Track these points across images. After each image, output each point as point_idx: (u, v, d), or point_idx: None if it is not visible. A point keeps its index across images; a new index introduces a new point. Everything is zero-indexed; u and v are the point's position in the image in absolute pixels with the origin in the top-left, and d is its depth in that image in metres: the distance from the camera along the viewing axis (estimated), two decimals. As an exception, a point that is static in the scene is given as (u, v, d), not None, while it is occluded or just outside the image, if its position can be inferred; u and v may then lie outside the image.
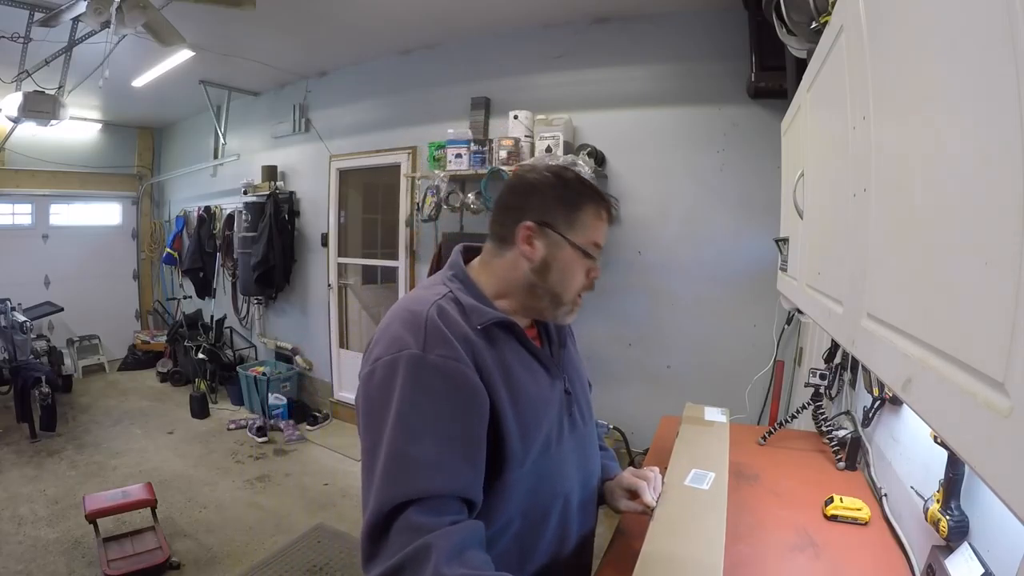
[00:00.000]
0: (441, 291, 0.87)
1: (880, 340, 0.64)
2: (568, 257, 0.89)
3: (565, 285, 0.90)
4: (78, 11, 2.39)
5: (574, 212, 0.89)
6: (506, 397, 0.82)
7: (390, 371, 0.77)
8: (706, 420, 1.50)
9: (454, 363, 0.78)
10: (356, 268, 4.55)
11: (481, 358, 0.81)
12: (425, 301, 0.84)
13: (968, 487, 0.94)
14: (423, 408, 0.76)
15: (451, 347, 0.78)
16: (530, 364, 0.90)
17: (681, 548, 0.90)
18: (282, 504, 3.14)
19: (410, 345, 0.78)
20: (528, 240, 0.88)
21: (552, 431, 0.90)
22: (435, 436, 0.75)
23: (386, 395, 0.76)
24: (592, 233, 0.91)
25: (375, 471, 0.74)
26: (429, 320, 0.80)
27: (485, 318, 0.84)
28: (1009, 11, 0.36)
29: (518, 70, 3.35)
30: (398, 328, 0.81)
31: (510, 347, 0.87)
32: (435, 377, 0.77)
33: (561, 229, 0.89)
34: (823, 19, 1.10)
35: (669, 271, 2.99)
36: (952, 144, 0.48)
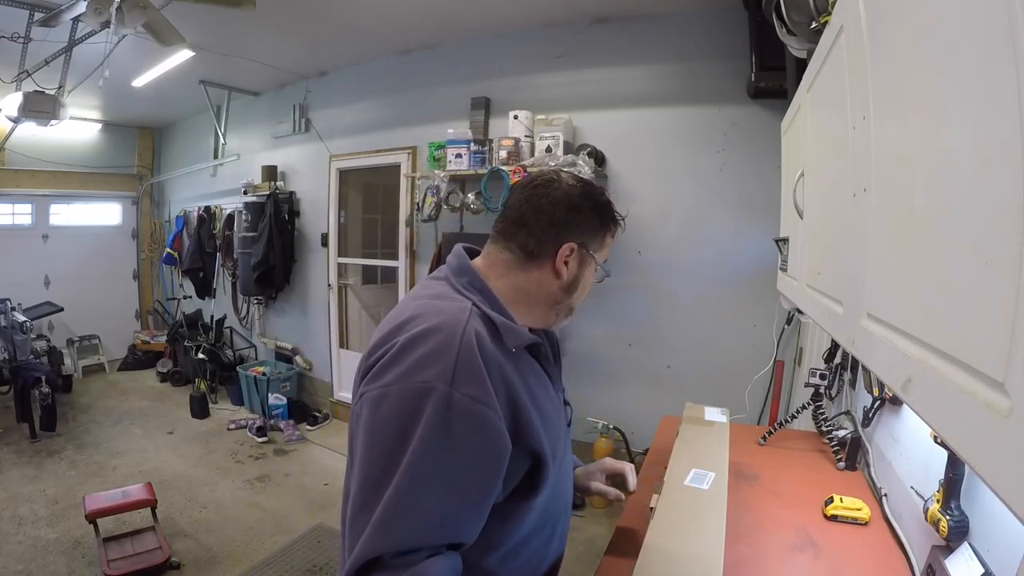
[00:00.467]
0: (465, 304, 0.79)
1: (880, 340, 0.64)
2: (590, 275, 0.90)
3: (580, 299, 0.91)
4: (78, 11, 2.39)
5: (605, 235, 0.90)
6: (539, 424, 0.78)
7: (411, 405, 0.69)
8: (706, 420, 1.51)
9: (483, 408, 0.70)
10: (356, 268, 4.55)
11: (513, 388, 0.76)
12: (456, 320, 0.75)
13: (968, 487, 0.94)
14: (443, 459, 0.69)
15: (483, 387, 0.71)
16: (545, 382, 0.88)
17: (681, 547, 0.90)
18: (282, 504, 3.14)
19: (437, 378, 0.69)
20: (566, 260, 0.85)
21: (558, 444, 0.88)
22: (450, 490, 0.69)
23: (403, 432, 0.69)
24: (607, 252, 0.92)
25: (374, 509, 0.68)
26: (463, 348, 0.71)
27: (520, 341, 0.80)
28: (1009, 11, 0.36)
29: (518, 70, 3.35)
30: (423, 351, 0.71)
31: (532, 368, 0.84)
32: (462, 425, 0.69)
33: (593, 250, 0.88)
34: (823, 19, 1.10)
35: (669, 271, 2.99)
36: (952, 144, 0.48)
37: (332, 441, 4.05)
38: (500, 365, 0.75)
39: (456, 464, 0.70)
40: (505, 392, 0.74)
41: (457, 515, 0.70)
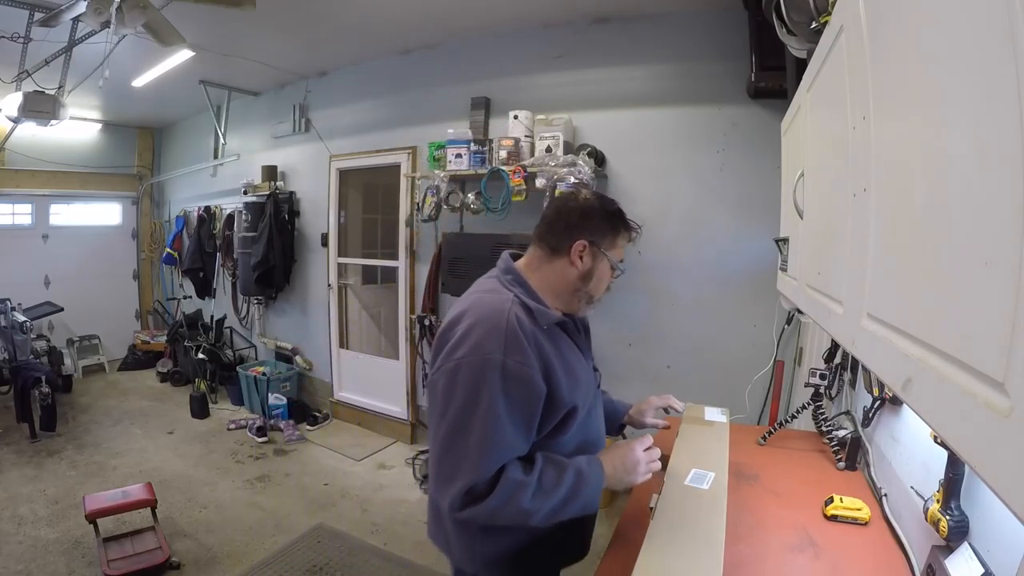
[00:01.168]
0: (508, 296, 1.08)
1: (880, 340, 0.64)
2: (604, 269, 1.15)
3: (598, 289, 1.16)
4: (78, 11, 2.39)
5: (615, 236, 1.15)
6: (565, 378, 1.06)
7: (479, 372, 0.99)
8: (706, 420, 1.50)
9: (527, 369, 1.00)
10: (356, 268, 4.55)
11: (545, 353, 1.04)
12: (502, 308, 1.04)
13: (968, 487, 0.94)
14: (504, 405, 0.99)
15: (525, 353, 1.00)
16: (575, 351, 1.15)
17: (681, 547, 0.90)
18: (282, 504, 3.14)
19: (495, 351, 0.99)
20: (580, 255, 1.12)
21: (591, 401, 1.18)
22: (514, 427, 1.00)
23: (475, 391, 0.98)
24: (620, 252, 1.17)
25: (467, 446, 0.98)
26: (509, 329, 1.01)
27: (549, 319, 1.07)
28: (1009, 11, 0.36)
29: (518, 70, 3.35)
30: (481, 331, 1.01)
31: (563, 339, 1.12)
32: (513, 382, 0.99)
33: (604, 248, 1.13)
34: (823, 19, 1.10)
35: (669, 271, 2.99)
36: (952, 144, 0.48)
37: (332, 441, 4.05)
38: (536, 338, 1.04)
39: (514, 408, 1.00)
40: (540, 357, 1.03)
41: (516, 443, 1.02)
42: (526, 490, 0.99)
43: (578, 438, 1.14)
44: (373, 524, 2.96)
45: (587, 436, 1.17)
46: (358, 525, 2.94)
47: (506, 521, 1.02)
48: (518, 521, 1.02)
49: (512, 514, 1.00)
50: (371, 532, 2.88)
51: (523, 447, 1.04)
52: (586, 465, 1.07)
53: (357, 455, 3.81)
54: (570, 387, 1.07)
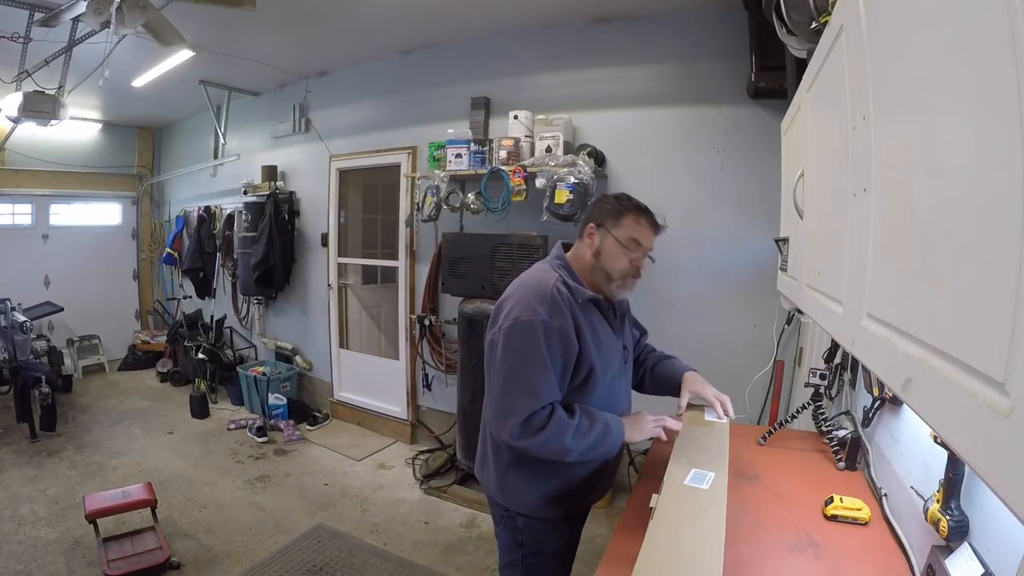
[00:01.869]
0: (554, 276, 1.34)
1: (880, 340, 0.64)
2: (611, 245, 1.36)
3: (612, 265, 1.36)
4: (78, 11, 2.39)
5: (619, 217, 1.37)
6: (592, 344, 1.32)
7: (530, 328, 1.25)
8: (706, 420, 1.50)
9: (566, 328, 1.27)
10: (356, 268, 4.55)
11: (579, 319, 1.30)
12: (547, 282, 1.31)
13: (968, 487, 0.93)
14: (548, 355, 1.25)
15: (564, 316, 1.27)
16: (604, 326, 1.39)
17: (681, 547, 0.90)
18: (282, 504, 3.14)
19: (542, 313, 1.25)
20: (590, 235, 1.38)
21: (617, 370, 1.42)
22: (554, 371, 1.27)
23: (528, 343, 1.25)
24: (630, 232, 1.36)
25: (522, 382, 1.26)
26: (552, 296, 1.28)
27: (583, 296, 1.33)
28: (1009, 11, 0.36)
29: (518, 70, 3.35)
30: (532, 298, 1.28)
31: (594, 314, 1.36)
32: (556, 337, 1.26)
33: (608, 227, 1.36)
34: (823, 19, 1.10)
35: (669, 271, 2.99)
36: (952, 144, 0.48)
37: (332, 441, 4.05)
38: (572, 308, 1.30)
39: (555, 358, 1.27)
40: (573, 324, 1.29)
41: (556, 381, 1.28)
42: (568, 429, 1.25)
43: (602, 400, 1.36)
44: (373, 524, 2.96)
45: (610, 401, 1.39)
46: (358, 525, 2.94)
47: (549, 453, 1.27)
48: (558, 455, 1.27)
49: (556, 449, 1.26)
50: (371, 532, 2.88)
51: (559, 392, 1.29)
52: (612, 420, 1.33)
53: (357, 455, 3.81)
54: (595, 351, 1.32)
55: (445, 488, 3.27)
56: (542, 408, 1.25)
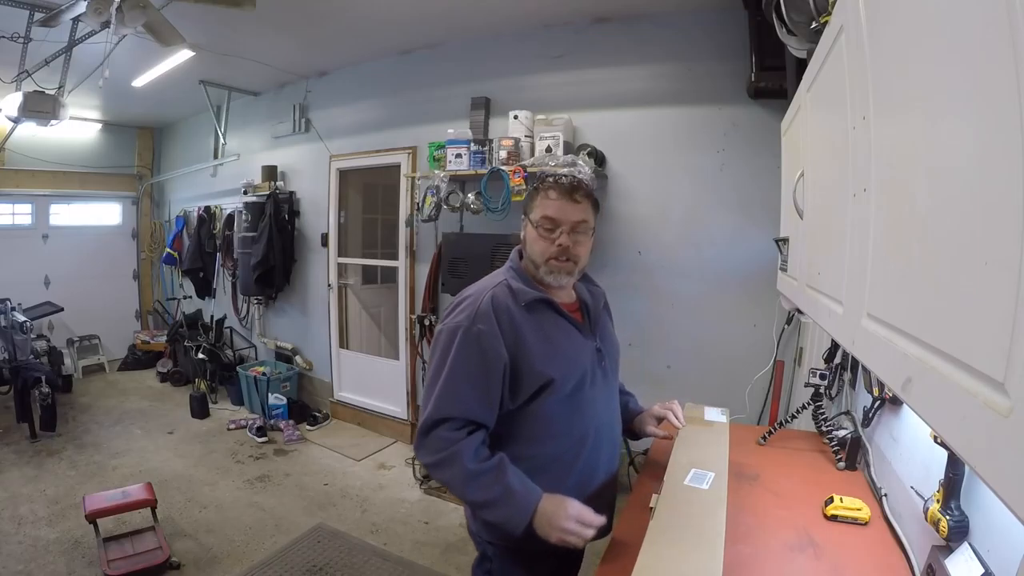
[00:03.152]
0: (499, 279, 1.25)
1: (880, 340, 0.64)
2: (530, 232, 1.26)
3: (533, 251, 1.25)
4: (78, 11, 2.39)
5: (531, 200, 1.27)
6: (539, 347, 1.18)
7: (451, 334, 1.18)
8: (706, 420, 1.50)
9: (486, 335, 1.16)
10: (356, 268, 4.55)
11: (518, 326, 1.18)
12: (486, 288, 1.23)
13: (968, 487, 0.93)
14: (463, 363, 1.16)
15: (489, 323, 1.16)
16: (564, 327, 1.25)
17: (681, 548, 0.90)
18: (282, 504, 3.14)
19: (462, 319, 1.18)
20: (524, 227, 1.29)
21: (586, 376, 1.24)
22: (469, 379, 1.16)
23: (447, 348, 1.18)
24: (541, 210, 1.23)
25: (435, 390, 1.18)
26: (482, 304, 1.19)
27: (527, 297, 1.21)
28: (1009, 11, 0.36)
29: (518, 70, 3.35)
30: (462, 304, 1.22)
31: (547, 315, 1.23)
32: (473, 344, 1.16)
33: (527, 214, 1.27)
34: (823, 19, 1.10)
35: (669, 271, 2.99)
36: (952, 144, 0.48)
37: (332, 441, 4.05)
38: (510, 314, 1.18)
39: (472, 364, 1.16)
40: (512, 330, 1.17)
41: (471, 396, 1.17)
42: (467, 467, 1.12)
43: (566, 414, 1.22)
44: (373, 524, 2.96)
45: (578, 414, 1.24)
46: (358, 525, 2.94)
47: (447, 485, 1.22)
48: (456, 493, 1.19)
49: (451, 482, 1.18)
50: (371, 532, 2.88)
51: (481, 407, 1.17)
52: (522, 492, 1.12)
53: (357, 455, 3.81)
54: (546, 359, 1.18)
55: (445, 488, 3.27)
56: (447, 421, 1.15)
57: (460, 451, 1.13)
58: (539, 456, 1.21)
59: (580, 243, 1.22)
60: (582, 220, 1.22)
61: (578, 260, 1.23)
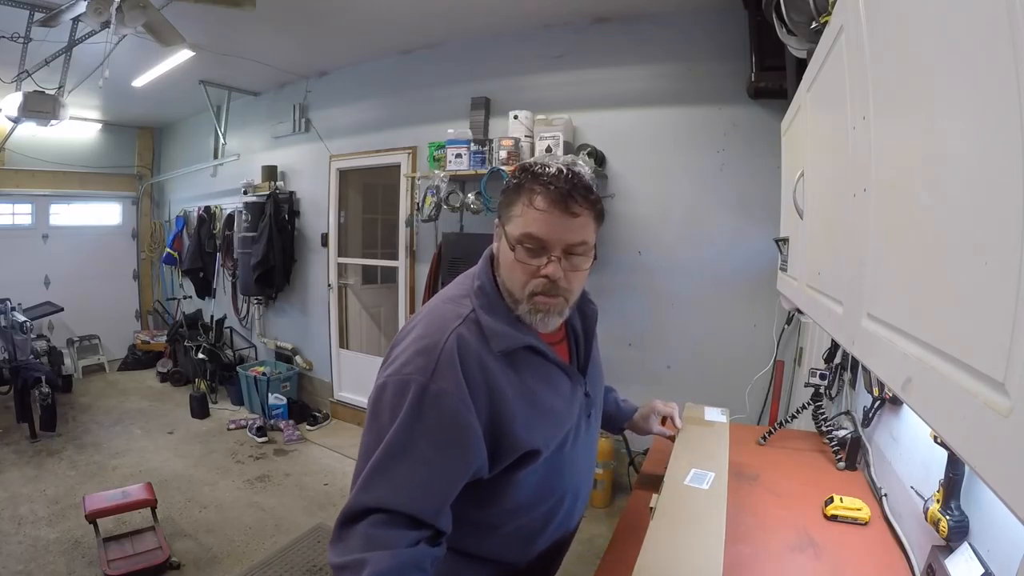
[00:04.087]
0: (464, 311, 0.88)
1: (880, 340, 0.64)
2: (505, 251, 0.88)
3: (511, 281, 0.88)
4: (78, 11, 2.39)
5: (509, 203, 0.88)
6: (522, 413, 0.86)
7: (399, 391, 0.82)
8: (706, 420, 1.50)
9: (451, 399, 0.81)
10: (356, 268, 4.55)
11: (496, 384, 0.84)
12: (446, 327, 0.85)
13: (968, 487, 0.93)
14: (414, 436, 0.81)
15: (456, 383, 0.81)
16: (552, 378, 0.93)
17: (681, 547, 0.90)
18: (282, 504, 3.14)
19: (419, 371, 0.82)
20: (496, 238, 0.92)
21: (570, 433, 0.96)
22: (415, 461, 0.81)
23: (392, 410, 0.82)
24: (522, 223, 0.85)
25: (369, 466, 0.81)
26: (444, 350, 0.82)
27: (504, 345, 0.86)
28: (1009, 11, 0.36)
29: (518, 70, 3.35)
30: (415, 349, 0.84)
31: (532, 366, 0.90)
32: (432, 410, 0.80)
33: (503, 221, 0.89)
34: (823, 19, 1.10)
35: (669, 271, 2.99)
36: (952, 144, 0.48)
37: (332, 441, 4.05)
38: (483, 366, 0.84)
39: (424, 441, 0.81)
40: (486, 391, 0.83)
41: (418, 485, 0.80)
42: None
43: (541, 478, 0.93)
44: (373, 524, 2.96)
45: (558, 479, 0.96)
46: (358, 525, 2.94)
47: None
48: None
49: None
50: (371, 532, 2.88)
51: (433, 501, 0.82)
52: None
53: (357, 455, 3.81)
54: (531, 425, 0.87)
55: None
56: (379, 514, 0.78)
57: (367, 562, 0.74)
58: (503, 529, 0.95)
59: (575, 273, 0.87)
60: (580, 242, 0.85)
61: (571, 295, 0.89)
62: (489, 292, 0.90)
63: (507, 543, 0.96)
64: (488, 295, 0.90)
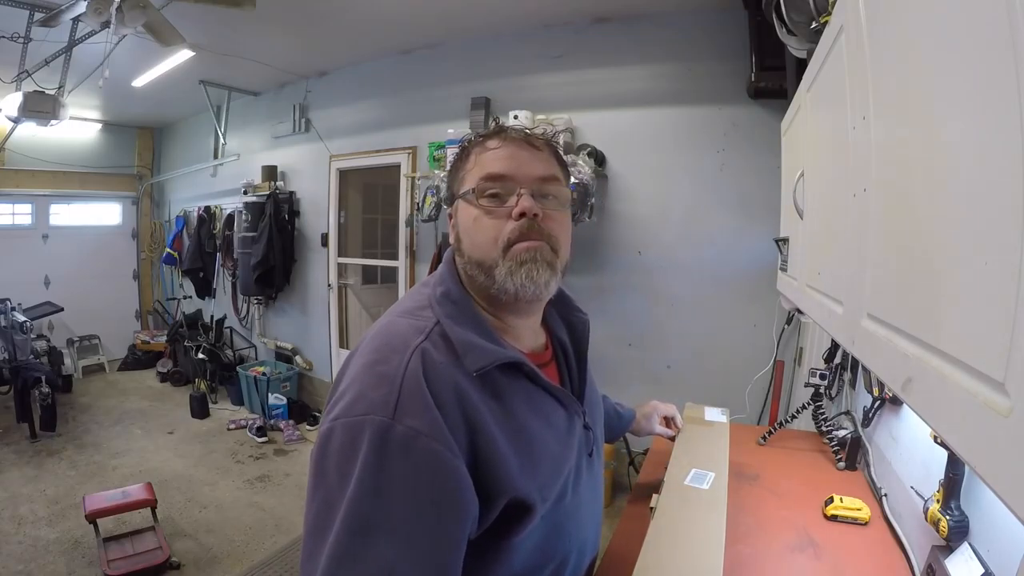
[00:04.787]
0: (426, 324, 0.70)
1: (880, 340, 0.64)
2: (465, 212, 0.75)
3: (478, 243, 0.72)
4: (78, 11, 2.39)
5: (457, 169, 0.77)
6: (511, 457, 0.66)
7: (350, 439, 0.61)
8: (706, 420, 1.50)
9: (427, 441, 0.60)
10: (356, 268, 4.55)
11: (476, 416, 0.65)
12: (406, 345, 0.66)
13: (968, 487, 0.93)
14: (382, 500, 0.59)
15: (429, 417, 0.61)
16: (544, 405, 0.75)
17: (681, 548, 0.90)
18: (282, 504, 3.14)
19: (378, 408, 0.61)
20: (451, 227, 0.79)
21: (570, 478, 0.76)
22: (392, 537, 0.58)
23: (343, 469, 0.60)
24: (477, 171, 0.74)
25: (318, 560, 0.58)
26: (407, 376, 0.63)
27: (483, 362, 0.67)
28: (1009, 11, 0.36)
29: (518, 70, 3.35)
30: (367, 381, 0.64)
31: (518, 390, 0.72)
32: (403, 461, 0.59)
33: (455, 191, 0.77)
34: (823, 19, 1.10)
35: (669, 271, 2.99)
36: (952, 144, 0.48)
37: (332, 441, 4.05)
38: (459, 392, 0.65)
39: (398, 506, 0.59)
40: (464, 426, 0.64)
41: (405, 570, 0.58)
42: None
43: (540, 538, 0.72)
44: (373, 524, 2.96)
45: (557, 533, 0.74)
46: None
47: None
48: None
49: None
50: (371, 532, 2.88)
51: None
52: None
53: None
54: (524, 471, 0.67)
55: None
56: None
57: None
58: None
59: (553, 215, 0.73)
60: (549, 175, 0.74)
61: (557, 243, 0.73)
62: (457, 298, 0.73)
63: None
64: (456, 302, 0.73)
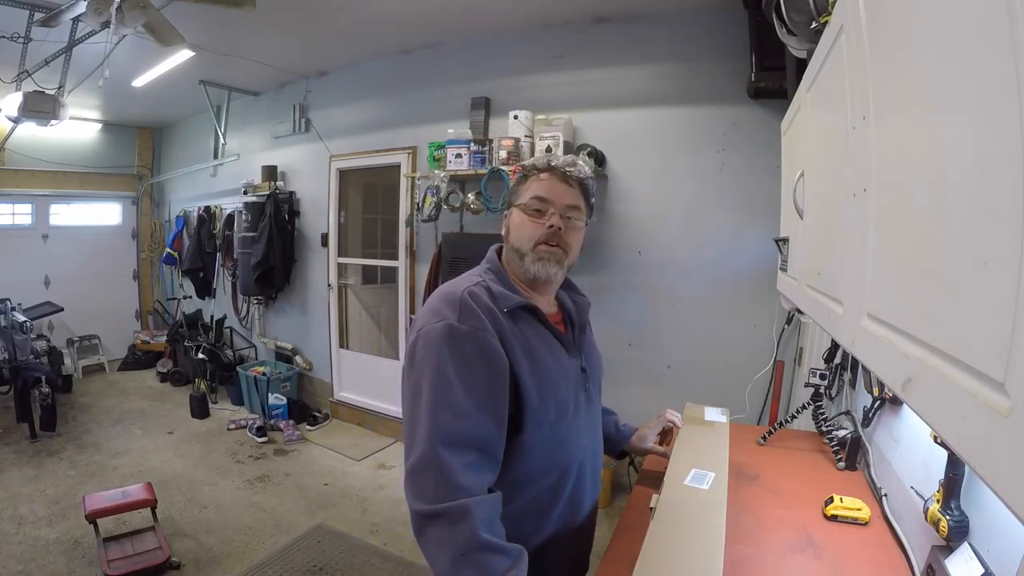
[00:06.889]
0: (475, 280, 1.06)
1: (880, 340, 0.64)
2: (516, 217, 1.11)
3: (520, 237, 1.08)
4: (78, 11, 2.39)
5: (521, 186, 1.13)
6: (525, 364, 0.99)
7: (432, 338, 0.95)
8: (706, 420, 1.50)
9: (481, 332, 0.95)
10: (356, 268, 4.55)
11: (504, 331, 0.98)
12: (460, 286, 1.02)
13: (968, 487, 0.94)
14: (456, 367, 0.92)
15: (479, 319, 0.96)
16: (549, 341, 1.08)
17: (681, 547, 0.90)
18: (282, 504, 3.14)
19: (447, 317, 0.96)
20: (504, 223, 1.14)
21: (569, 401, 1.08)
22: (466, 389, 0.92)
23: (429, 356, 0.94)
24: (531, 191, 1.09)
25: (418, 416, 0.92)
26: (463, 299, 0.98)
27: (509, 303, 1.02)
28: (1009, 11, 0.36)
29: (518, 70, 3.35)
30: (438, 304, 1.00)
31: (532, 326, 1.05)
32: (466, 343, 0.94)
33: (514, 202, 1.13)
34: (823, 19, 1.10)
35: (669, 271, 2.99)
36: (952, 144, 0.48)
37: (332, 441, 4.05)
38: (494, 317, 0.99)
39: (467, 371, 0.93)
40: (498, 335, 0.97)
41: (474, 412, 0.91)
42: (471, 536, 0.82)
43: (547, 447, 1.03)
44: (373, 524, 2.96)
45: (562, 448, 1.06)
46: (358, 525, 2.94)
47: (437, 532, 0.85)
48: (438, 544, 0.85)
49: (441, 535, 0.84)
50: (371, 532, 2.88)
51: (493, 429, 0.93)
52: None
53: (357, 455, 3.81)
54: (535, 377, 1.00)
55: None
56: (454, 449, 0.88)
57: (472, 509, 0.84)
58: (513, 505, 0.99)
59: (572, 230, 1.09)
60: (574, 205, 1.09)
61: (568, 249, 1.09)
62: (497, 270, 1.10)
63: (519, 522, 1.00)
64: (496, 272, 1.09)
